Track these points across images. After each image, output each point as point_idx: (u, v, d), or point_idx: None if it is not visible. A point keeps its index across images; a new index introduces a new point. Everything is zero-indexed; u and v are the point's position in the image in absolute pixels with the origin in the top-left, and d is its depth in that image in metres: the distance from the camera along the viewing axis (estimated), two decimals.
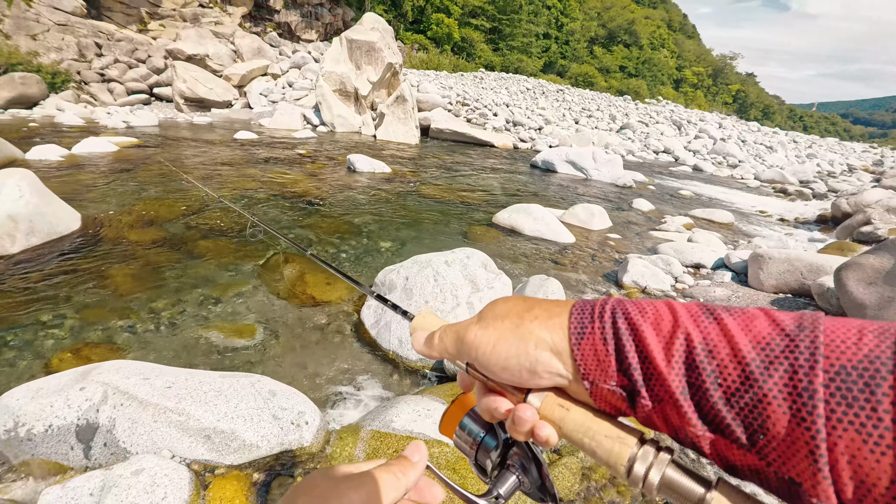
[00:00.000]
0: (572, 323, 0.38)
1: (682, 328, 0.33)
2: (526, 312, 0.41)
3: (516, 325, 0.40)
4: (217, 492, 1.55)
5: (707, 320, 0.33)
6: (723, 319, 0.32)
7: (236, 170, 7.16)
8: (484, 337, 0.41)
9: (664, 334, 0.34)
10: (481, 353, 0.41)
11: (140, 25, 19.43)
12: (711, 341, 0.31)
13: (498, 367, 0.40)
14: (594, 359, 0.36)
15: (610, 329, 0.36)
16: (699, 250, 5.09)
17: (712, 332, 0.32)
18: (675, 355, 0.32)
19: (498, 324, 0.41)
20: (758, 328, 0.31)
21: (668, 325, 0.34)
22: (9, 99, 12.96)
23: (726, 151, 19.11)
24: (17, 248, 3.61)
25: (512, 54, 41.22)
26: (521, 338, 0.39)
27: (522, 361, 0.39)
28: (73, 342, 2.60)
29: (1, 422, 1.72)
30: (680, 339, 0.33)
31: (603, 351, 0.35)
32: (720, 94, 68.21)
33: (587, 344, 0.36)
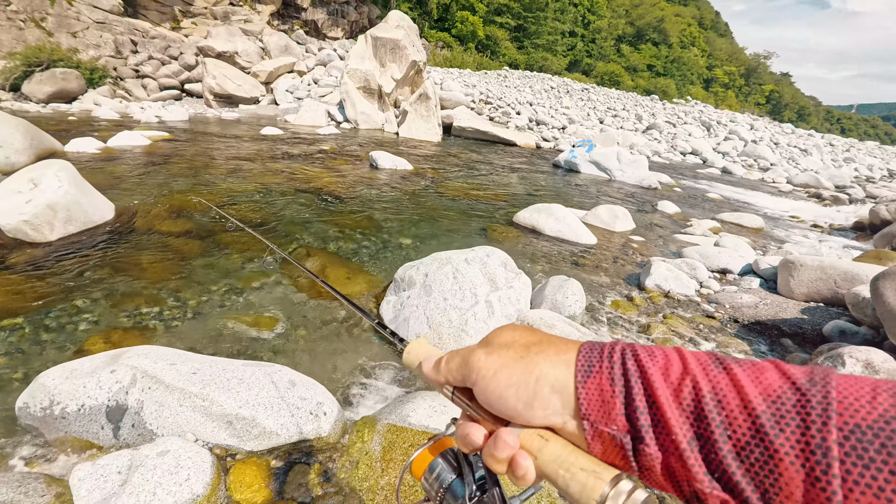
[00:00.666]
0: (580, 360, 0.37)
1: (692, 376, 0.32)
2: (533, 345, 0.40)
3: (521, 356, 0.40)
4: (237, 476, 1.59)
5: (717, 370, 0.32)
6: (732, 370, 0.32)
7: (261, 165, 7.31)
8: (487, 362, 0.41)
9: (672, 380, 0.33)
10: (481, 378, 0.40)
11: (173, 23, 20.03)
12: (721, 391, 0.31)
13: (495, 395, 0.39)
14: (598, 398, 0.35)
15: (619, 370, 0.35)
16: (726, 255, 4.94)
17: (722, 382, 0.31)
18: (683, 403, 0.32)
19: (503, 352, 0.41)
20: (768, 380, 0.30)
21: (678, 372, 0.33)
22: (50, 94, 13.56)
23: (757, 154, 18.47)
24: (55, 235, 3.77)
25: (537, 52, 40.81)
26: (523, 368, 0.39)
27: (521, 392, 0.38)
28: (105, 327, 2.71)
29: (38, 400, 1.80)
30: (689, 387, 0.32)
31: (609, 391, 0.35)
32: (752, 94, 65.98)
33: (593, 382, 0.36)
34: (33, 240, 3.68)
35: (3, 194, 3.70)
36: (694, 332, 3.43)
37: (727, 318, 3.74)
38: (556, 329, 2.69)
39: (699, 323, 3.58)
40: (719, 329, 3.53)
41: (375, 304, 3.30)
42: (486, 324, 2.81)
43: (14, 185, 3.75)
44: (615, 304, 3.79)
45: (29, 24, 15.78)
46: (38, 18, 16.01)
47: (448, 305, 2.81)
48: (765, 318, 3.75)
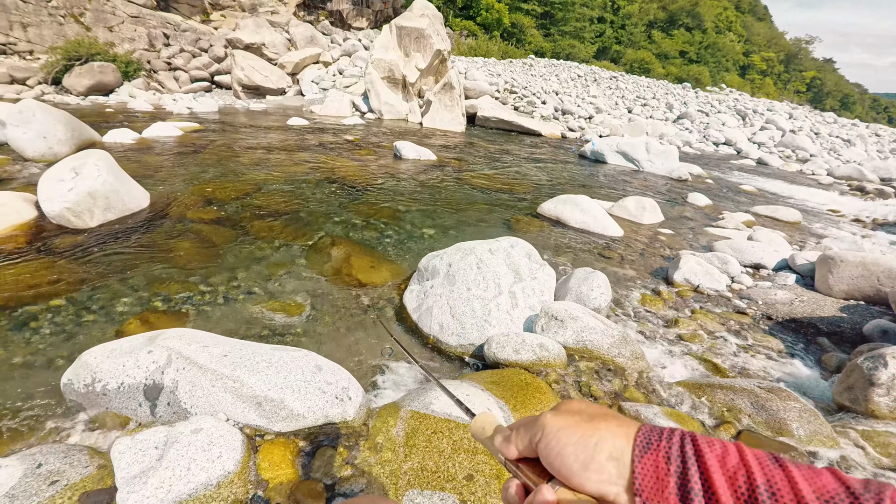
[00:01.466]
0: (639, 436, 0.39)
1: (748, 467, 0.34)
2: (598, 415, 0.43)
3: (585, 421, 0.42)
4: (266, 455, 1.64)
5: (773, 465, 0.33)
6: (788, 468, 0.33)
7: (288, 155, 7.44)
8: (553, 420, 0.44)
9: (729, 469, 0.34)
10: (545, 434, 0.43)
11: (203, 16, 20.46)
12: (776, 484, 0.32)
13: (555, 452, 0.42)
14: (653, 475, 0.36)
15: (676, 451, 0.37)
16: (760, 249, 4.76)
17: (777, 477, 0.32)
18: (738, 490, 0.33)
19: (568, 416, 0.44)
20: (823, 482, 0.31)
21: (734, 461, 0.35)
22: (89, 86, 14.11)
23: (796, 144, 17.60)
24: (95, 222, 3.95)
25: (563, 40, 39.82)
26: (585, 431, 0.41)
27: (579, 452, 0.40)
28: (142, 309, 2.83)
29: (81, 377, 1.90)
30: (743, 477, 0.33)
31: (664, 469, 0.36)
32: (792, 81, 62.73)
33: (649, 459, 0.37)
34: (75, 226, 3.85)
35: (47, 183, 3.89)
36: (724, 328, 3.32)
37: (760, 314, 3.61)
38: (580, 321, 2.65)
39: (730, 319, 3.47)
40: (751, 326, 3.41)
41: (398, 293, 3.33)
42: (510, 315, 2.80)
43: (57, 174, 3.93)
44: (642, 297, 3.71)
45: (68, 19, 16.41)
46: (77, 14, 16.62)
47: (471, 295, 2.80)
48: (800, 316, 3.60)
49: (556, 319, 2.69)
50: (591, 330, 2.62)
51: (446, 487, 1.56)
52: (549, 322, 2.70)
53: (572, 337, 2.60)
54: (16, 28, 15.56)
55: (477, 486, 1.57)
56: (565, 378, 2.38)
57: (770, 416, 2.15)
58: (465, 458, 1.66)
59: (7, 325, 2.56)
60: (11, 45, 15.48)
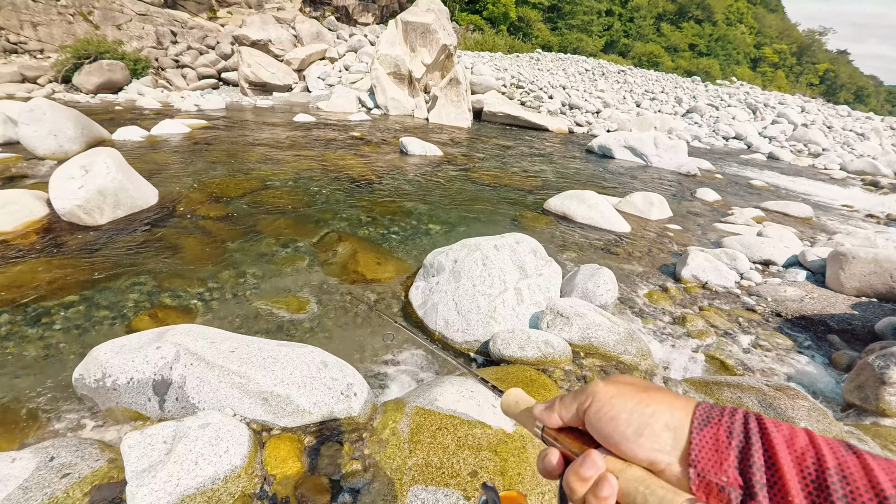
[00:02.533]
0: (698, 411, 0.38)
1: (818, 449, 0.32)
2: (652, 387, 0.42)
3: (641, 390, 0.41)
4: (272, 450, 1.66)
5: (846, 452, 0.32)
6: (863, 455, 0.31)
7: (295, 151, 7.46)
8: (607, 388, 0.42)
9: (797, 449, 0.33)
10: (597, 400, 0.42)
11: (210, 13, 20.53)
12: (847, 468, 0.31)
13: (607, 417, 0.40)
14: (712, 447, 0.35)
15: (739, 427, 0.35)
16: (770, 245, 4.70)
17: (849, 462, 0.31)
18: (804, 470, 0.31)
19: (623, 385, 0.42)
20: None
21: (803, 443, 0.33)
22: (98, 84, 14.24)
23: (808, 138, 17.33)
24: (105, 219, 3.99)
25: (571, 34, 39.43)
26: (641, 399, 0.40)
27: (634, 418, 0.39)
28: (151, 305, 2.87)
29: (92, 372, 1.93)
30: (812, 458, 0.32)
31: (725, 442, 0.35)
32: (805, 74, 61.61)
33: (709, 431, 0.36)
34: (86, 223, 3.90)
35: (58, 180, 3.94)
36: (732, 325, 3.29)
37: (769, 311, 3.57)
38: (586, 318, 2.64)
39: (738, 316, 3.44)
40: (760, 323, 3.38)
41: (404, 289, 3.34)
42: (515, 311, 2.80)
43: (68, 172, 3.98)
44: (649, 294, 3.68)
45: (77, 17, 16.55)
46: (86, 12, 16.76)
47: (477, 292, 2.80)
48: (810, 313, 3.56)
49: (561, 316, 2.68)
50: (597, 327, 2.61)
51: (450, 483, 1.57)
52: (554, 319, 2.69)
53: (578, 334, 2.59)
54: (26, 27, 15.73)
55: (481, 482, 1.58)
56: (571, 375, 2.37)
57: (778, 414, 2.12)
58: (470, 454, 1.67)
59: (21, 320, 2.60)
60: (22, 44, 15.66)
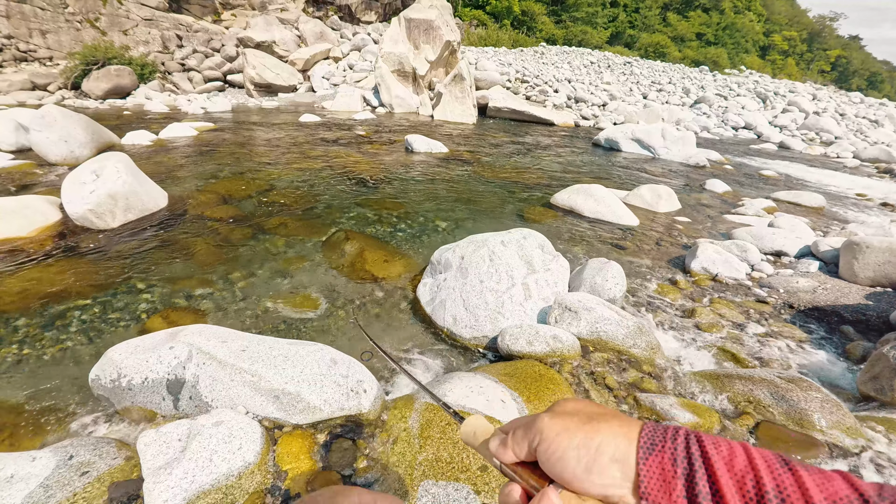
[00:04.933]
0: (643, 437, 0.38)
1: (756, 471, 0.33)
2: (597, 415, 0.42)
3: (585, 422, 0.41)
4: (284, 447, 1.68)
5: (782, 469, 0.32)
6: (798, 472, 0.32)
7: (301, 151, 7.50)
8: (551, 423, 0.42)
9: (736, 472, 0.33)
10: (544, 438, 0.41)
11: (214, 16, 20.66)
12: (785, 490, 0.31)
13: (555, 456, 0.40)
14: (660, 478, 0.35)
15: (682, 452, 0.35)
16: (781, 236, 4.63)
17: (786, 482, 0.31)
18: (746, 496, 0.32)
19: (566, 417, 0.42)
20: (834, 487, 0.30)
21: (742, 464, 0.33)
22: (106, 90, 14.42)
23: (820, 126, 17.03)
24: (116, 222, 4.06)
25: (575, 26, 39.06)
26: (586, 433, 0.39)
27: (582, 454, 0.39)
28: (163, 306, 2.91)
29: (107, 373, 1.97)
30: (751, 481, 0.32)
31: (671, 472, 0.35)
32: (816, 61, 60.42)
33: (655, 460, 0.36)
34: (98, 227, 3.97)
35: (70, 185, 4.00)
36: (743, 317, 3.26)
37: (781, 303, 3.53)
38: (594, 312, 2.63)
39: (749, 308, 3.40)
40: (772, 315, 3.34)
41: (412, 286, 3.35)
42: (523, 306, 2.80)
43: (79, 177, 4.05)
44: (658, 287, 3.65)
45: (85, 24, 16.76)
46: (93, 19, 16.96)
47: (484, 288, 2.81)
48: (824, 304, 3.51)
49: (569, 311, 2.67)
50: (606, 321, 2.60)
51: (461, 478, 1.58)
52: (562, 313, 2.68)
53: (586, 328, 2.59)
54: (35, 35, 15.97)
55: (491, 476, 1.58)
56: (579, 369, 2.37)
57: (790, 406, 2.10)
58: None
59: (38, 322, 2.66)
60: (32, 52, 15.90)
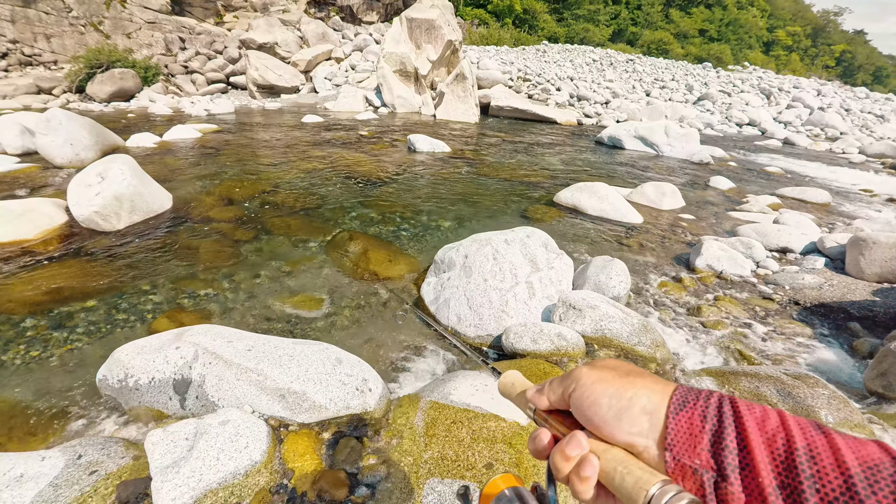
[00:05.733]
0: (676, 395, 0.39)
1: (788, 431, 0.33)
2: (634, 372, 0.43)
3: (622, 375, 0.43)
4: (290, 446, 1.69)
5: (815, 432, 0.33)
6: (831, 434, 0.32)
7: (304, 152, 7.52)
8: (590, 373, 0.44)
9: (768, 430, 0.34)
10: (580, 385, 0.43)
11: (217, 18, 20.72)
12: (815, 448, 0.32)
13: (589, 401, 0.42)
14: (687, 432, 0.36)
15: (714, 410, 0.37)
16: (787, 233, 4.61)
17: (818, 442, 0.32)
18: (774, 451, 0.32)
19: (605, 370, 0.44)
20: (868, 451, 0.31)
21: (774, 424, 0.34)
22: (111, 93, 14.50)
23: (825, 122, 16.92)
24: (122, 224, 4.08)
25: (577, 24, 38.97)
26: (621, 384, 0.41)
27: (614, 402, 0.40)
28: (168, 307, 2.93)
29: (115, 373, 1.99)
30: (782, 439, 0.33)
31: (699, 426, 0.36)
32: (820, 56, 59.98)
33: (684, 415, 0.37)
34: (103, 229, 4.00)
35: (76, 188, 4.03)
36: (749, 314, 3.24)
37: (787, 300, 3.51)
38: (598, 310, 2.62)
39: (755, 305, 3.38)
40: (778, 311, 3.32)
41: (416, 286, 3.36)
42: (527, 305, 2.79)
43: (85, 179, 4.07)
44: (662, 285, 3.64)
45: (88, 28, 16.85)
46: (97, 22, 17.05)
47: (488, 286, 2.81)
48: (830, 301, 3.48)
49: (573, 309, 2.67)
50: (610, 318, 2.59)
51: (466, 476, 1.58)
52: (566, 311, 2.68)
53: (591, 326, 2.58)
54: (40, 39, 16.08)
55: (496, 474, 1.58)
56: None
57: (797, 403, 2.09)
58: (485, 447, 1.68)
59: (46, 324, 2.68)
60: (37, 56, 16.01)
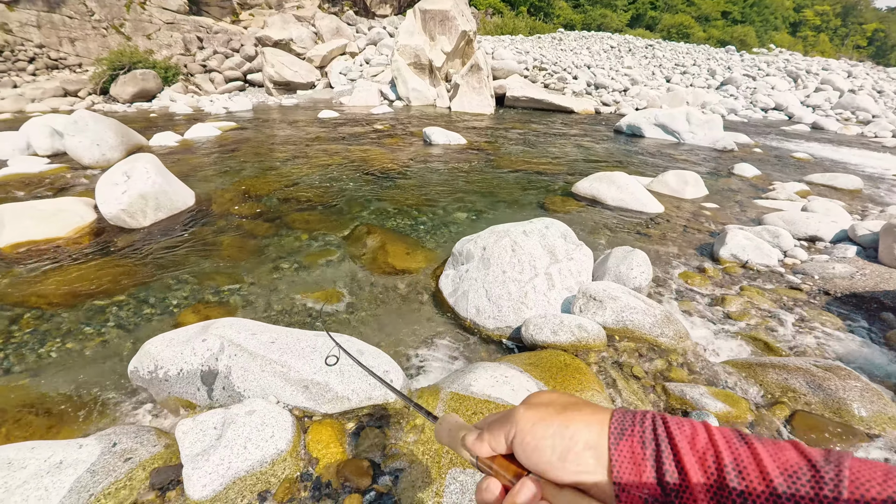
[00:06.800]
0: (613, 423, 0.39)
1: (716, 446, 0.35)
2: (570, 405, 0.43)
3: (558, 412, 0.42)
4: (315, 435, 1.72)
5: (739, 443, 0.35)
6: (753, 444, 0.34)
7: (321, 147, 7.59)
8: (526, 415, 0.44)
9: (698, 449, 0.35)
10: (520, 430, 0.43)
11: (233, 17, 20.97)
12: (742, 462, 0.33)
13: (531, 446, 0.41)
14: (630, 461, 0.37)
15: (650, 434, 0.37)
16: (816, 221, 4.45)
17: (743, 455, 0.34)
18: (707, 471, 0.34)
19: (541, 408, 0.44)
20: (786, 457, 0.33)
21: (703, 442, 0.36)
22: (133, 94, 14.86)
23: (856, 105, 16.19)
24: (148, 221, 4.20)
25: (594, 10, 38.07)
26: (560, 423, 0.41)
27: (557, 444, 0.40)
28: (194, 301, 3.01)
29: (145, 365, 2.05)
30: (712, 457, 0.35)
31: (640, 454, 0.37)
32: (851, 36, 57.30)
33: (625, 445, 0.38)
34: (130, 226, 4.12)
35: (103, 187, 4.16)
36: (776, 305, 3.15)
37: (816, 290, 3.39)
38: (620, 301, 2.59)
39: (782, 295, 3.28)
40: (806, 302, 3.22)
41: (434, 278, 3.37)
42: (547, 296, 2.77)
43: (111, 178, 4.20)
44: (685, 275, 3.57)
45: (110, 30, 17.27)
46: (118, 24, 17.45)
47: (507, 278, 2.79)
48: (862, 290, 3.36)
49: (594, 300, 2.64)
50: (632, 310, 2.56)
51: None
52: (587, 303, 2.65)
53: (612, 317, 2.55)
54: (65, 43, 16.56)
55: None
56: (605, 359, 2.34)
57: (828, 395, 2.03)
58: None
59: (79, 319, 2.79)
60: (62, 59, 16.51)
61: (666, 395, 2.10)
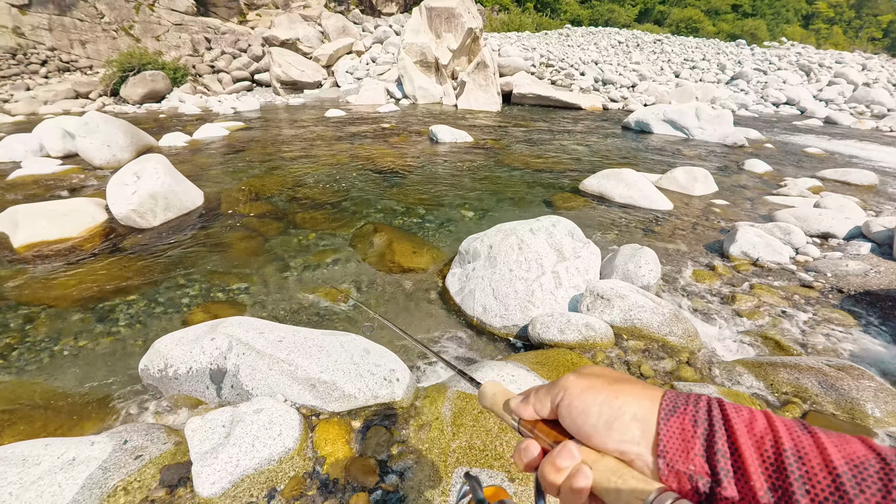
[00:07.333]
0: (665, 401, 0.39)
1: (775, 432, 0.34)
2: (622, 379, 0.43)
3: (610, 383, 0.42)
4: (322, 433, 1.73)
5: (801, 432, 0.33)
6: (817, 434, 0.33)
7: (328, 146, 7.62)
8: (577, 381, 0.43)
9: (756, 433, 0.34)
10: (568, 393, 0.43)
11: (240, 17, 21.10)
12: (803, 449, 0.32)
13: (578, 409, 0.41)
14: (679, 437, 0.36)
15: (703, 415, 0.37)
16: (829, 217, 4.37)
17: (805, 442, 0.33)
18: (764, 454, 0.33)
19: (593, 378, 0.43)
20: (853, 448, 0.31)
21: (762, 426, 0.35)
22: (143, 95, 15.02)
23: (871, 98, 15.87)
24: (157, 221, 4.24)
25: (601, 5, 37.71)
26: (610, 392, 0.41)
27: (604, 411, 0.40)
28: (203, 300, 3.04)
29: (155, 363, 2.08)
30: (770, 441, 0.33)
31: (690, 431, 0.36)
32: (865, 28, 56.16)
33: (675, 421, 0.37)
34: (140, 226, 4.17)
35: (114, 187, 4.21)
36: (787, 303, 3.11)
37: (829, 287, 3.34)
38: (628, 299, 2.57)
39: (794, 293, 3.24)
40: (819, 300, 3.17)
41: (440, 276, 3.36)
42: (554, 295, 2.76)
43: (122, 179, 4.25)
44: (694, 273, 3.53)
45: (120, 32, 17.46)
46: (127, 27, 17.65)
47: (514, 276, 2.78)
48: (876, 288, 3.29)
49: (601, 298, 2.62)
50: (640, 308, 2.53)
51: (494, 465, 1.58)
52: (594, 301, 2.63)
53: (620, 316, 2.53)
54: (76, 46, 16.78)
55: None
56: (613, 358, 2.32)
57: (841, 395, 2.00)
58: (513, 436, 1.68)
59: (91, 317, 2.83)
60: (73, 62, 16.73)
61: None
